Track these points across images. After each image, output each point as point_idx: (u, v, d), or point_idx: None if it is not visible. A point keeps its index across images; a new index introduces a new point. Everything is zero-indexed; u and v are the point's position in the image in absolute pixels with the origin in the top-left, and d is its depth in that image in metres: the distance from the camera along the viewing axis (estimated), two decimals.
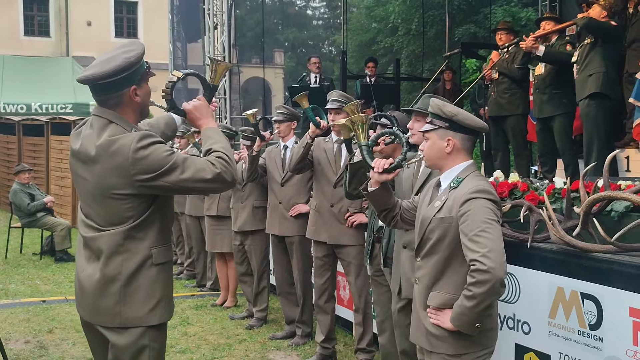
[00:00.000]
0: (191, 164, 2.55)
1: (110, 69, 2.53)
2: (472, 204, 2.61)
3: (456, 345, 2.69)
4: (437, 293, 2.75)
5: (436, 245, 2.74)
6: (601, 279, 3.33)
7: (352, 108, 3.48)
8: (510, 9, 18.43)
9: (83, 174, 2.64)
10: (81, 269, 2.69)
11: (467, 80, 15.23)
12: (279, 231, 5.58)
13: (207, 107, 2.82)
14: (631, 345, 3.16)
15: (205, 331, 6.02)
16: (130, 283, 2.60)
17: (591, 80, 5.72)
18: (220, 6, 10.65)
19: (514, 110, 6.89)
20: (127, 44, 2.68)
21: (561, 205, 3.88)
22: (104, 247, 2.59)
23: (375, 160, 2.94)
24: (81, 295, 2.69)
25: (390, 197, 3.04)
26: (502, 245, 2.55)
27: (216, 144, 2.67)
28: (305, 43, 42.74)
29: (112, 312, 2.60)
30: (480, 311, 2.57)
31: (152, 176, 2.51)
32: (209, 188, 2.64)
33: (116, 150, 2.52)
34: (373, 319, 4.93)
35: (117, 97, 2.61)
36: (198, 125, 2.81)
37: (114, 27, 25.60)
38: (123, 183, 2.54)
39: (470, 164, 2.82)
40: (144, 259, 2.62)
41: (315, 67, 9.94)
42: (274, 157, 5.70)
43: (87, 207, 2.67)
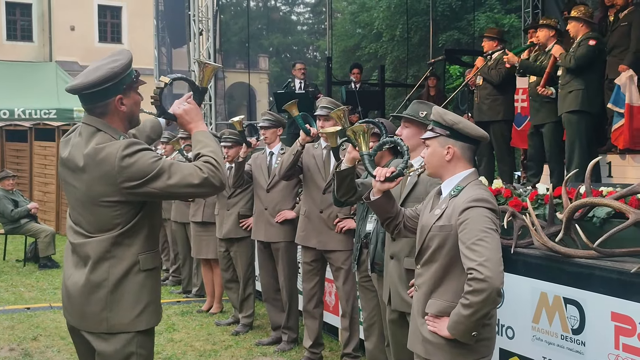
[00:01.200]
0: (178, 170, 2.56)
1: (94, 79, 2.56)
2: (471, 213, 2.63)
3: (452, 353, 2.70)
4: (435, 300, 2.77)
5: (436, 253, 2.76)
6: (583, 284, 3.39)
7: (339, 114, 3.51)
8: (494, 16, 18.57)
9: (72, 181, 2.66)
10: (68, 275, 2.70)
11: (451, 86, 15.35)
12: (264, 237, 5.60)
13: (198, 110, 2.83)
14: (613, 349, 3.22)
15: (191, 337, 6.01)
16: (116, 289, 2.61)
17: (571, 97, 5.82)
18: (206, 12, 10.65)
19: (494, 116, 6.97)
20: (116, 53, 2.70)
21: (544, 211, 3.94)
22: (92, 253, 2.60)
23: (376, 169, 2.95)
24: (68, 301, 2.70)
25: (392, 206, 3.05)
26: (499, 255, 2.57)
27: (205, 148, 2.68)
28: (290, 48, 42.75)
29: (99, 318, 2.61)
30: (477, 320, 2.58)
31: (139, 183, 2.53)
32: (197, 193, 2.65)
33: (103, 158, 2.54)
34: (359, 324, 4.96)
35: (103, 106, 2.63)
36: (189, 129, 2.81)
37: (97, 31, 25.50)
38: (111, 191, 2.56)
39: (471, 172, 2.83)
40: (131, 265, 2.63)
41: (300, 73, 9.96)
42: (259, 164, 5.72)
43: (76, 214, 2.69)
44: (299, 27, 45.03)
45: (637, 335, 3.10)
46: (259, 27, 38.95)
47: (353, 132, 3.05)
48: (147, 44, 23.88)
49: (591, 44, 5.73)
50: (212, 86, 10.76)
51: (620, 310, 3.18)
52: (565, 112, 5.87)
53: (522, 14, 10.88)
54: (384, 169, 2.93)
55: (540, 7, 10.20)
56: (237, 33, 34.20)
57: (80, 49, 24.15)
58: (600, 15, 7.61)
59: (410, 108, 3.65)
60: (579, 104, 5.75)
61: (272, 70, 36.67)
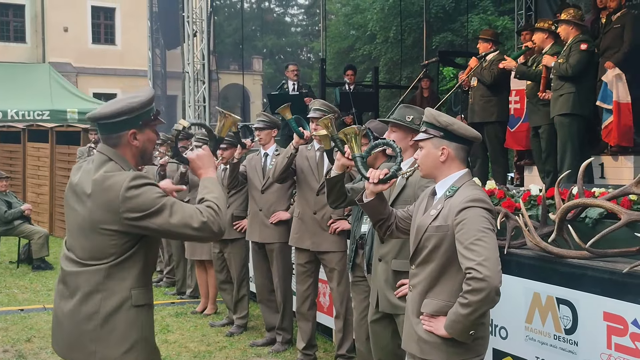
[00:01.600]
0: (179, 209, 2.59)
1: (111, 110, 2.64)
2: (468, 213, 2.64)
3: (448, 352, 2.71)
4: (431, 300, 2.78)
5: (432, 253, 2.77)
6: (576, 284, 3.41)
7: (327, 122, 3.51)
8: (487, 17, 18.62)
9: (75, 206, 2.68)
10: (57, 304, 2.70)
11: (444, 88, 15.38)
12: (259, 238, 5.61)
13: (210, 157, 2.86)
14: (605, 348, 3.24)
15: (185, 339, 6.02)
16: (106, 323, 2.60)
17: (562, 101, 5.85)
18: (200, 14, 10.65)
19: (488, 117, 6.99)
20: (141, 90, 2.81)
21: (537, 212, 3.96)
22: (84, 284, 2.60)
23: (370, 170, 2.96)
24: (57, 331, 2.70)
25: (385, 207, 3.06)
26: (497, 254, 2.59)
27: (209, 193, 2.72)
28: (284, 50, 42.77)
29: (87, 351, 2.60)
30: (475, 319, 2.60)
31: (140, 216, 2.55)
32: (194, 236, 2.65)
33: (109, 186, 2.57)
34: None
35: (116, 138, 2.68)
36: (198, 175, 2.84)
37: (91, 33, 25.42)
38: (111, 219, 2.57)
39: (465, 173, 2.85)
40: (123, 300, 2.62)
41: (293, 74, 9.98)
42: (254, 165, 5.74)
43: (72, 239, 2.70)
44: (293, 28, 45.07)
45: (629, 335, 3.12)
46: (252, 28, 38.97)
47: (345, 135, 3.06)
48: (141, 46, 23.91)
49: (582, 48, 5.76)
50: (206, 88, 10.77)
51: (613, 310, 3.21)
52: (557, 114, 5.90)
53: (515, 16, 10.92)
54: (377, 171, 2.94)
55: (533, 9, 10.25)
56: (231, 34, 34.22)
57: (73, 50, 24.09)
58: (593, 18, 7.66)
59: (397, 112, 3.66)
60: (570, 107, 5.79)
61: (266, 72, 36.69)
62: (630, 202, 3.53)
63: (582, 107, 5.82)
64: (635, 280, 3.13)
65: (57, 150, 12.57)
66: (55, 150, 12.58)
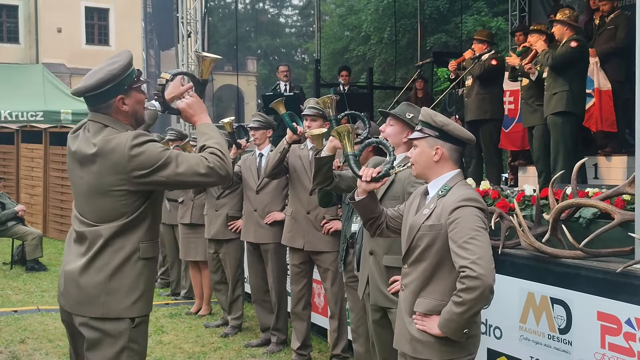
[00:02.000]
0: (185, 159, 2.67)
1: (94, 82, 2.66)
2: (462, 212, 2.66)
3: (442, 351, 2.72)
4: (424, 299, 2.79)
5: (425, 252, 2.78)
6: (570, 284, 3.42)
7: (327, 101, 3.55)
8: (481, 19, 18.67)
9: (79, 173, 2.75)
10: (67, 261, 2.76)
11: (438, 89, 15.42)
12: (254, 238, 5.60)
13: (200, 102, 2.89)
14: (599, 348, 3.25)
15: (180, 339, 6.01)
16: (115, 274, 2.68)
17: (555, 99, 5.87)
18: (194, 14, 10.64)
19: (482, 114, 7.01)
20: (116, 55, 2.79)
21: (531, 212, 3.97)
22: (96, 240, 2.68)
23: (362, 169, 2.98)
24: (65, 286, 2.75)
25: (376, 206, 3.08)
26: (491, 253, 2.60)
27: (210, 139, 2.77)
28: (278, 51, 42.79)
29: (97, 302, 2.66)
30: (469, 317, 2.61)
31: (148, 171, 2.63)
32: (205, 182, 2.73)
33: (113, 148, 2.64)
34: (348, 325, 4.98)
35: (106, 107, 2.73)
36: (193, 122, 2.89)
37: (84, 34, 25.35)
38: (120, 180, 2.65)
39: (457, 173, 2.87)
40: (131, 252, 2.71)
41: (283, 75, 10.01)
42: (249, 165, 5.73)
43: (81, 205, 2.77)
44: (287, 29, 45.10)
45: (623, 334, 3.13)
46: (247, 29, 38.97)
47: (338, 133, 3.07)
48: (135, 46, 23.87)
49: (572, 45, 5.79)
50: None
51: (606, 309, 3.22)
52: (550, 114, 5.92)
53: (510, 17, 10.95)
54: (370, 169, 2.96)
55: (527, 10, 10.28)
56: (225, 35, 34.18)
57: (67, 51, 24.03)
58: (586, 19, 7.70)
59: (398, 108, 3.72)
60: (564, 105, 5.80)
61: (260, 73, 36.69)
62: (624, 202, 3.54)
63: (575, 105, 5.84)
64: (628, 280, 3.14)
65: (50, 151, 12.53)
66: (49, 151, 12.55)
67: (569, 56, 5.79)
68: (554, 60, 5.79)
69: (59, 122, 13.81)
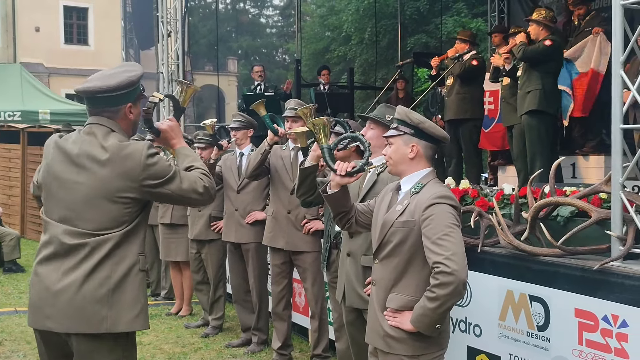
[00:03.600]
0: (186, 176, 2.76)
1: (114, 83, 2.68)
2: (436, 209, 2.69)
3: (414, 346, 2.75)
4: (396, 295, 2.81)
5: (397, 248, 2.81)
6: (548, 282, 3.46)
7: (306, 112, 3.54)
8: (461, 19, 18.76)
9: (77, 178, 2.68)
10: (54, 280, 2.63)
11: (419, 89, 15.46)
12: (235, 238, 5.59)
13: (179, 127, 2.98)
14: (577, 344, 3.29)
15: (160, 340, 5.97)
16: (118, 287, 2.64)
17: (529, 98, 5.94)
18: (174, 14, 10.57)
19: (461, 114, 7.06)
20: (127, 64, 2.86)
21: (510, 211, 4.01)
22: (95, 253, 2.62)
23: (337, 163, 2.99)
24: (55, 307, 2.62)
25: (347, 200, 3.10)
26: (463, 249, 2.64)
27: (196, 162, 2.88)
28: (259, 51, 42.67)
29: (98, 317, 2.60)
30: (442, 312, 2.64)
31: (158, 182, 2.68)
32: (198, 200, 2.83)
33: (128, 154, 2.65)
34: (329, 325, 4.98)
35: (113, 111, 2.74)
36: (172, 145, 2.94)
37: (63, 33, 25.08)
38: (129, 186, 2.66)
39: (430, 171, 2.90)
40: (132, 264, 2.69)
41: (257, 75, 10.09)
42: (229, 165, 5.72)
43: (72, 212, 2.67)
44: (268, 29, 45.00)
45: (600, 330, 3.17)
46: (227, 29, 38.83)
47: (313, 125, 3.07)
48: (115, 46, 23.69)
49: (547, 44, 5.85)
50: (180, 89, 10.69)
51: (584, 306, 3.26)
52: (524, 113, 5.97)
53: (489, 18, 11.01)
54: (345, 163, 2.98)
55: (506, 11, 10.36)
56: (206, 35, 34.05)
57: (45, 50, 23.76)
58: (564, 20, 7.79)
59: (377, 110, 3.72)
60: (537, 104, 5.87)
61: (241, 73, 36.54)
62: (601, 201, 3.59)
63: (548, 104, 5.90)
64: (605, 277, 3.18)
65: (28, 151, 12.41)
66: (27, 152, 12.42)
67: (540, 53, 5.86)
68: (524, 53, 5.86)
69: (37, 122, 13.67)
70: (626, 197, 3.28)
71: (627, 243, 3.25)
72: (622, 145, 3.34)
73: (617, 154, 3.33)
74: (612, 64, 3.36)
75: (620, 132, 3.33)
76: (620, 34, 3.32)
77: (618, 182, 3.30)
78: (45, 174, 2.77)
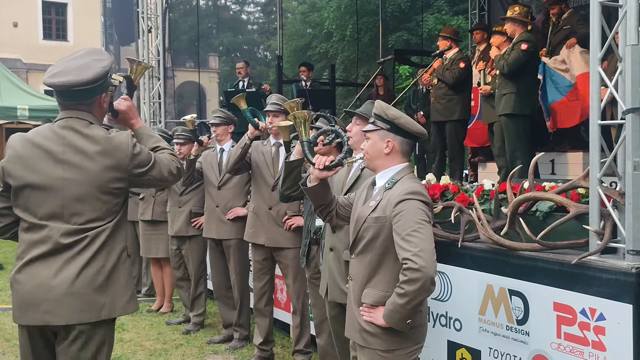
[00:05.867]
0: (161, 159, 2.82)
1: (91, 76, 2.64)
2: (406, 205, 2.71)
3: (388, 341, 2.78)
4: (370, 290, 2.84)
5: (370, 243, 2.83)
6: (527, 276, 3.50)
7: (292, 105, 3.55)
8: (442, 17, 18.84)
9: (62, 174, 2.65)
10: (49, 276, 2.63)
11: (400, 86, 15.52)
12: (216, 234, 5.58)
13: (135, 107, 3.00)
14: (555, 338, 3.33)
15: (141, 337, 5.95)
16: (111, 275, 2.71)
17: (504, 100, 6.02)
18: (155, 9, 10.50)
19: (449, 115, 7.10)
20: (94, 52, 2.79)
21: (490, 206, 4.04)
22: (91, 246, 2.66)
23: (316, 156, 3.01)
24: (55, 301, 2.63)
25: (328, 193, 3.12)
26: (432, 245, 2.66)
27: (160, 142, 2.92)
28: (240, 48, 42.49)
29: (97, 306, 2.66)
30: (412, 308, 2.66)
31: (144, 170, 2.74)
32: (172, 182, 2.93)
33: (116, 145, 2.69)
34: (310, 321, 4.99)
35: (89, 103, 2.73)
36: (131, 125, 2.96)
37: (42, 28, 24.84)
38: (120, 177, 2.71)
39: (405, 166, 2.92)
40: (121, 251, 2.77)
41: (240, 71, 10.06)
42: (210, 161, 5.70)
43: (60, 209, 2.65)
44: (250, 26, 44.84)
45: (578, 324, 3.21)
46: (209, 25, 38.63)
47: (295, 118, 3.08)
48: (94, 42, 23.43)
49: (523, 48, 5.91)
50: (161, 85, 10.63)
51: (562, 300, 3.30)
52: (501, 114, 6.06)
53: (469, 16, 11.07)
54: (324, 157, 3.00)
55: (486, 9, 10.42)
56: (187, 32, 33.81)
57: (23, 46, 23.53)
58: (543, 18, 7.85)
59: (363, 107, 3.75)
60: (512, 108, 5.96)
61: (222, 70, 36.39)
62: (579, 196, 3.63)
63: (523, 107, 5.99)
64: (583, 271, 3.22)
65: None
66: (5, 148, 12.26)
67: (522, 60, 5.92)
68: (509, 67, 5.92)
69: (16, 118, 13.52)
70: (604, 192, 3.32)
71: (604, 237, 3.30)
72: (599, 142, 3.37)
73: (595, 150, 3.37)
74: (591, 61, 3.39)
75: (598, 128, 3.37)
76: (598, 31, 3.35)
77: (596, 178, 3.34)
78: (24, 174, 2.69)
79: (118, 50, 21.72)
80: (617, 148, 3.31)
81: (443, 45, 7.26)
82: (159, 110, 10.52)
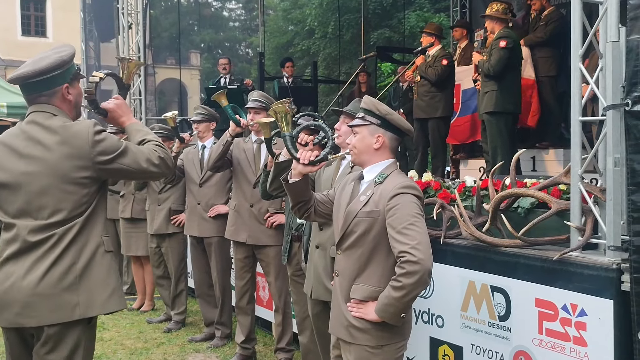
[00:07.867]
0: (139, 150, 2.73)
1: (43, 66, 2.61)
2: (400, 199, 2.71)
3: (377, 336, 2.77)
4: (360, 285, 2.81)
5: (361, 238, 2.81)
6: (509, 272, 3.51)
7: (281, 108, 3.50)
8: (424, 14, 18.88)
9: (25, 168, 2.62)
10: (19, 276, 2.59)
11: (382, 83, 15.55)
12: (197, 232, 5.54)
13: (127, 105, 2.93)
14: (537, 334, 3.34)
15: (121, 336, 5.90)
16: (85, 272, 2.63)
17: (487, 99, 6.05)
18: (135, 5, 10.39)
19: (432, 112, 7.09)
20: (59, 46, 2.76)
21: (472, 203, 4.04)
22: (59, 243, 2.59)
23: (300, 151, 2.97)
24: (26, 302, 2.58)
25: (307, 190, 3.10)
26: (428, 238, 2.67)
27: (148, 135, 2.84)
28: (222, 44, 42.27)
29: (70, 305, 2.59)
30: (408, 301, 2.66)
31: (111, 158, 2.64)
32: (156, 172, 2.78)
33: (75, 133, 2.61)
34: (292, 319, 4.98)
35: (50, 95, 2.68)
36: (121, 123, 2.91)
37: (20, 25, 24.56)
38: (83, 165, 2.62)
39: (392, 162, 2.92)
40: (96, 247, 2.68)
41: (221, 68, 10.05)
42: (191, 158, 5.66)
43: (27, 205, 2.62)
44: (231, 23, 44.64)
45: (559, 320, 3.22)
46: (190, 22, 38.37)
47: (275, 113, 3.04)
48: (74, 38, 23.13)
49: (502, 45, 5.93)
50: (142, 82, 10.53)
51: (543, 296, 3.31)
52: (484, 112, 6.09)
53: (451, 13, 11.09)
54: (308, 152, 2.97)
55: (468, 6, 10.45)
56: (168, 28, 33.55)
57: (1, 42, 23.25)
58: (524, 14, 7.89)
59: (351, 105, 3.75)
60: (493, 105, 5.99)
61: (203, 67, 36.22)
62: (560, 192, 3.64)
63: (505, 104, 6.01)
64: (564, 267, 3.24)
65: None
66: None
67: (504, 57, 5.93)
68: (493, 69, 5.94)
69: None
70: (585, 188, 3.34)
71: (585, 233, 3.31)
72: (581, 138, 3.39)
73: (577, 146, 3.38)
74: (572, 58, 3.40)
75: (579, 124, 3.39)
76: (579, 28, 3.36)
77: (577, 174, 3.36)
78: None
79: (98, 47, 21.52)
80: (598, 144, 3.32)
81: (426, 42, 7.25)
82: (140, 108, 10.42)
